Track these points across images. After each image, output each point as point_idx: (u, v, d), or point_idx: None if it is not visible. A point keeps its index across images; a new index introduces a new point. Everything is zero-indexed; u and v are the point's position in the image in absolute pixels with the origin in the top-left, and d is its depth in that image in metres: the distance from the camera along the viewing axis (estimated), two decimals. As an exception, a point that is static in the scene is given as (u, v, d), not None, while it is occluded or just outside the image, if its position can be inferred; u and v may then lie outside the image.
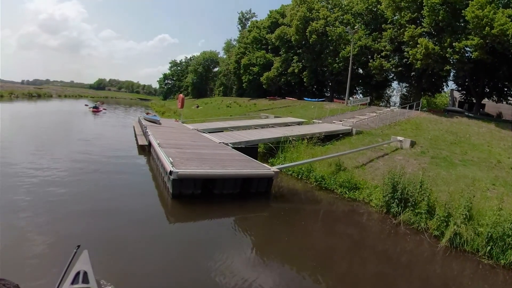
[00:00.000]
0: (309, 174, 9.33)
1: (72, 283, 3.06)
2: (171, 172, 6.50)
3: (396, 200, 6.90)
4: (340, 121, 19.23)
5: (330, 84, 37.57)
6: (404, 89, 46.76)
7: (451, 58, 23.79)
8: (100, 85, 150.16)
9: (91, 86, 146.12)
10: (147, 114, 20.77)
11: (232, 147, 10.03)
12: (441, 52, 24.01)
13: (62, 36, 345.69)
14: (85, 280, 3.14)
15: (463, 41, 22.59)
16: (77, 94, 71.98)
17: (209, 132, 13.08)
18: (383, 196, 7.17)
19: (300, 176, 9.66)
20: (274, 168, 7.66)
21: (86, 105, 35.79)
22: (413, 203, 6.71)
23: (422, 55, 23.79)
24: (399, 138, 13.50)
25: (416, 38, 25.11)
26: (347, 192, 8.34)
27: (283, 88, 42.31)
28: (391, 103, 45.05)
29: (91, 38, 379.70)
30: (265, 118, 20.75)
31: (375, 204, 7.56)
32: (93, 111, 29.59)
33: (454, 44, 23.17)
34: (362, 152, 11.04)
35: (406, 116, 21.19)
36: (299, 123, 17.31)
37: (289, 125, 16.03)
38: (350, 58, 26.96)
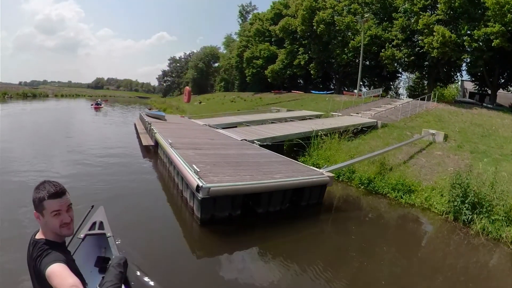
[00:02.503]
0: (352, 175, 7.95)
1: (89, 230, 3.29)
2: (199, 188, 4.51)
3: (467, 205, 5.67)
4: (357, 113, 18.03)
5: (337, 76, 36.22)
6: (411, 81, 45.50)
7: (469, 46, 22.55)
8: (98, 84, 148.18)
9: (89, 86, 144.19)
10: (150, 109, 19.13)
11: (260, 145, 8.45)
12: (458, 40, 22.82)
13: (59, 36, 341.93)
14: (101, 227, 3.38)
15: (482, 29, 21.38)
16: (75, 93, 70.25)
17: (223, 128, 11.64)
18: (449, 201, 5.93)
19: (340, 177, 8.20)
20: (328, 172, 6.00)
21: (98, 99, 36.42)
22: (488, 208, 5.48)
23: (439, 44, 22.54)
24: (431, 131, 12.35)
25: (431, 26, 23.84)
26: (403, 197, 7.00)
27: (286, 81, 40.96)
28: (399, 94, 43.71)
29: (88, 37, 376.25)
30: (276, 112, 19.44)
31: (438, 210, 6.30)
32: (94, 107, 30.57)
33: (473, 32, 21.96)
34: (399, 147, 9.80)
35: (424, 107, 19.98)
36: (317, 116, 15.98)
37: (307, 119, 14.73)
38: (361, 48, 25.63)
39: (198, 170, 4.92)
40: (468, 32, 22.52)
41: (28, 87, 64.42)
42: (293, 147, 10.13)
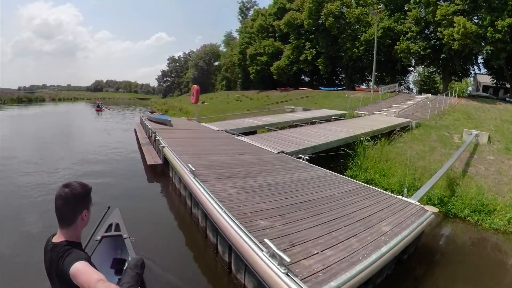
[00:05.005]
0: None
1: (106, 231, 3.30)
2: None
3: None
4: (379, 111, 16.65)
5: (347, 71, 34.68)
6: (420, 76, 44.04)
7: (492, 37, 21.13)
8: (97, 87, 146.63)
9: (88, 89, 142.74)
10: (152, 113, 16.81)
11: (307, 160, 6.38)
12: (479, 31, 21.42)
13: (57, 40, 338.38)
14: (117, 229, 3.39)
15: (506, 19, 20.01)
16: (73, 96, 68.49)
17: (243, 134, 9.74)
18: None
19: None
20: (430, 207, 4.15)
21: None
22: None
23: (461, 35, 21.11)
24: (474, 131, 10.99)
25: (450, 17, 22.41)
26: (485, 220, 5.50)
27: (291, 78, 39.45)
28: (411, 89, 42.21)
29: (87, 40, 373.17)
30: (291, 111, 17.97)
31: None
32: (96, 110, 31.03)
33: (496, 22, 20.55)
34: (450, 153, 8.39)
35: (448, 103, 18.60)
36: (341, 116, 14.47)
37: (331, 120, 13.24)
38: (375, 41, 24.12)
39: (288, 259, 2.46)
40: (494, 22, 21.12)
41: (24, 92, 62.48)
42: (332, 157, 8.15)
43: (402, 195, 4.55)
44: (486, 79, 32.15)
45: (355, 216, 3.78)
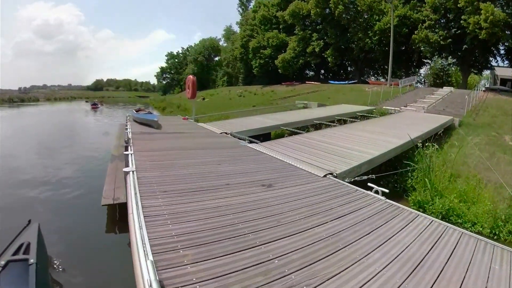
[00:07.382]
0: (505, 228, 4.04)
1: (13, 254, 2.87)
2: None
3: None
4: (405, 106, 14.71)
5: (357, 63, 32.55)
6: (430, 68, 41.80)
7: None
8: (97, 86, 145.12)
9: (88, 88, 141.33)
10: (138, 111, 12.30)
11: (384, 194, 3.69)
12: (508, 19, 19.45)
13: (58, 40, 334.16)
14: (27, 251, 2.94)
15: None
16: (70, 96, 66.31)
17: (252, 138, 6.75)
18: None
19: (495, 233, 4.35)
20: None
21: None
22: None
23: (489, 23, 19.06)
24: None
25: (475, 3, 20.29)
26: None
27: (295, 72, 37.27)
28: (425, 82, 40.00)
29: (88, 40, 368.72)
30: (303, 106, 15.93)
31: None
32: (92, 108, 31.77)
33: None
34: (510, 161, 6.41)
35: (477, 98, 16.66)
36: (368, 112, 12.30)
37: (358, 117, 11.14)
38: (391, 30, 22.01)
39: None
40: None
41: (19, 93, 60.41)
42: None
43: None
44: (504, 72, 30.08)
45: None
